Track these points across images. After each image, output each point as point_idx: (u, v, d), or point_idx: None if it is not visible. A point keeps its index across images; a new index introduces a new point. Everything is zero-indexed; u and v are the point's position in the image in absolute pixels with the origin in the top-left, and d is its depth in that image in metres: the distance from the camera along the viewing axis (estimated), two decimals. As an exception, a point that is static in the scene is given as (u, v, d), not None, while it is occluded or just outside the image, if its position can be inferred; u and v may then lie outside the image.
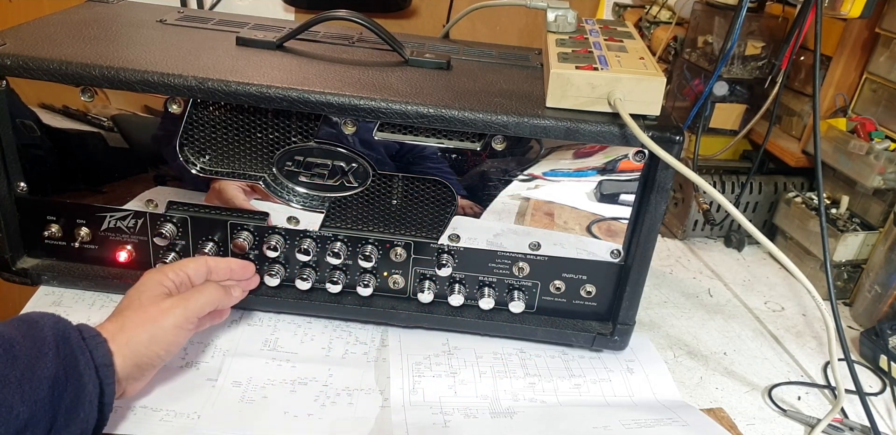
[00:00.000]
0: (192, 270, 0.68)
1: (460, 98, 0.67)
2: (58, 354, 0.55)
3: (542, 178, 0.69)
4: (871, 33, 0.90)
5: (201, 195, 0.72)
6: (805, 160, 0.98)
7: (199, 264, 0.69)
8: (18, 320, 0.57)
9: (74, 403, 0.54)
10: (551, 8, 0.78)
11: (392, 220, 0.73)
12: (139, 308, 0.62)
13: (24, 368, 0.53)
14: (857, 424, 0.70)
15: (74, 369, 0.55)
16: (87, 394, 0.55)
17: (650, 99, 0.65)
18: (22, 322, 0.57)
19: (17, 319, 0.58)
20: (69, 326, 0.58)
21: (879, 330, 0.80)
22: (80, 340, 0.57)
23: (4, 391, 0.52)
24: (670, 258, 1.01)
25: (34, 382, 0.53)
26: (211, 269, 0.70)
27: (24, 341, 0.54)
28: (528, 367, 0.73)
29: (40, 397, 0.53)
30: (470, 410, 0.66)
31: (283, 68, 0.70)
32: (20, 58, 0.65)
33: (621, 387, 0.72)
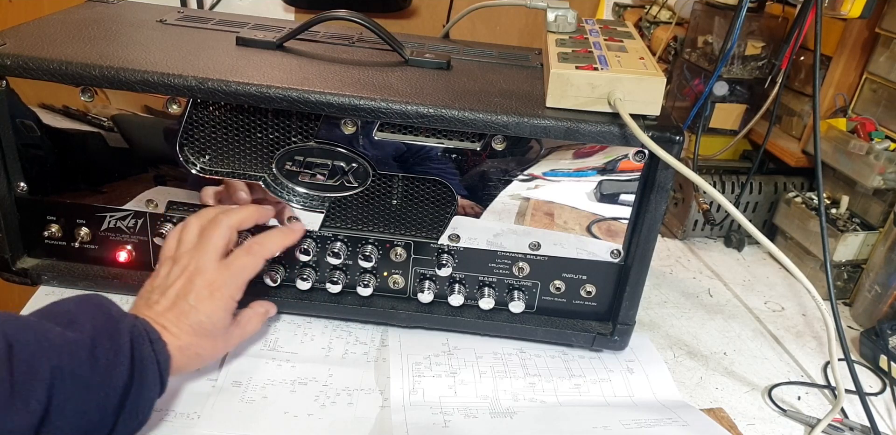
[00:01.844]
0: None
1: (460, 98, 0.67)
2: (132, 362, 0.56)
3: (542, 178, 0.69)
4: (871, 33, 0.90)
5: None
6: (805, 160, 0.98)
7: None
8: (97, 310, 0.58)
9: (136, 407, 0.56)
10: (551, 8, 0.78)
11: (392, 220, 0.73)
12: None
13: (103, 374, 0.54)
14: (857, 424, 0.70)
15: (142, 376, 0.56)
16: (148, 400, 0.57)
17: (650, 99, 0.65)
18: (101, 314, 0.57)
19: (96, 308, 0.58)
20: (141, 328, 0.58)
21: (879, 330, 0.80)
22: (150, 347, 0.57)
23: (86, 397, 0.53)
24: (670, 258, 1.01)
25: (108, 389, 0.54)
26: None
27: (105, 343, 0.55)
28: (528, 367, 0.73)
29: (111, 404, 0.54)
30: (470, 410, 0.66)
31: (283, 68, 0.70)
32: (20, 58, 0.65)
33: (621, 387, 0.72)
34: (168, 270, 0.65)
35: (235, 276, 0.65)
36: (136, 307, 0.63)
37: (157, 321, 0.60)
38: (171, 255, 0.66)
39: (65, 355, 0.53)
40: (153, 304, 0.62)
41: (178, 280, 0.63)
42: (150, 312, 0.61)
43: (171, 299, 0.62)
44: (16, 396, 0.50)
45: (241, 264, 0.66)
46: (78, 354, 0.53)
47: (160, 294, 0.63)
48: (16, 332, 0.53)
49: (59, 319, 0.56)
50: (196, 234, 0.66)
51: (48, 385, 0.51)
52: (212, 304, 0.63)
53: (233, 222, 0.66)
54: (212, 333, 0.64)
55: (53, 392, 0.52)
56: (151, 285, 0.64)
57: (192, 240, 0.66)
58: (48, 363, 0.52)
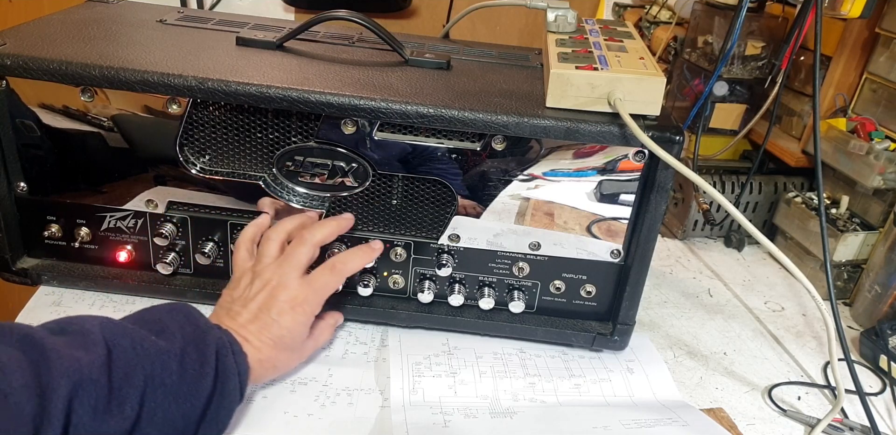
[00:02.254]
0: None
1: (460, 98, 0.67)
2: (216, 373, 0.57)
3: (542, 178, 0.69)
4: (871, 33, 0.90)
5: (201, 195, 0.72)
6: (805, 160, 0.98)
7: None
8: (186, 320, 0.59)
9: (217, 417, 0.57)
10: (551, 8, 0.78)
11: (392, 220, 0.73)
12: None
13: (190, 384, 0.56)
14: (857, 424, 0.70)
15: (224, 387, 0.57)
16: (228, 410, 0.58)
17: (650, 99, 0.65)
18: (190, 324, 0.59)
19: (185, 317, 0.60)
20: (225, 340, 0.59)
21: (879, 330, 0.80)
22: (233, 359, 0.59)
23: (174, 406, 0.54)
24: (670, 258, 1.01)
25: (194, 399, 0.56)
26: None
27: (193, 354, 0.56)
28: (528, 367, 0.73)
29: (195, 413, 0.56)
30: (470, 410, 0.66)
31: (283, 68, 0.70)
32: (20, 58, 0.65)
33: (621, 387, 0.72)
34: (249, 281, 0.66)
35: (317, 292, 0.67)
36: (218, 316, 0.64)
37: (239, 333, 0.62)
38: (249, 266, 0.68)
39: (157, 364, 0.54)
40: (235, 315, 0.64)
41: (259, 293, 0.65)
42: (233, 324, 0.63)
43: (253, 312, 0.64)
44: (113, 401, 0.51)
45: (324, 282, 0.67)
46: (169, 363, 0.55)
47: (242, 306, 0.64)
48: (114, 337, 0.54)
49: (151, 326, 0.58)
50: (276, 248, 0.68)
51: (141, 392, 0.53)
52: (293, 318, 0.65)
53: (317, 240, 0.68)
54: (290, 347, 0.66)
55: (145, 399, 0.53)
56: (231, 296, 0.66)
57: (273, 254, 0.67)
58: (142, 371, 0.53)
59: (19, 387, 0.47)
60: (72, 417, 0.49)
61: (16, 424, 0.46)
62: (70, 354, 0.51)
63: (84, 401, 0.50)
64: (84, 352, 0.52)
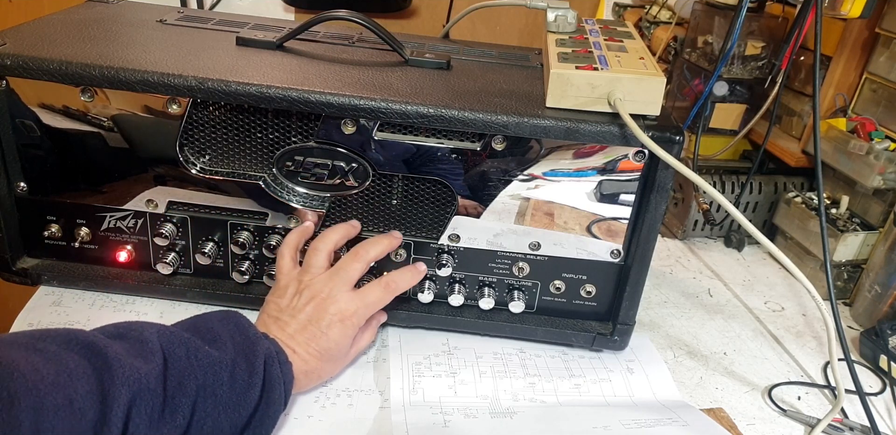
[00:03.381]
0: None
1: (460, 98, 0.67)
2: (264, 384, 0.58)
3: (542, 178, 0.69)
4: (871, 33, 0.90)
5: (201, 195, 0.72)
6: (805, 160, 0.98)
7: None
8: (237, 330, 0.61)
9: (261, 425, 0.58)
10: (551, 8, 0.78)
11: (392, 220, 0.73)
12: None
13: (239, 394, 0.57)
14: (857, 424, 0.70)
15: (269, 396, 0.59)
16: (273, 419, 0.59)
17: (650, 99, 0.65)
18: (241, 334, 0.60)
19: (236, 327, 0.61)
20: (273, 351, 0.61)
21: (879, 330, 0.80)
22: (279, 369, 0.60)
23: (223, 415, 0.56)
24: (670, 258, 1.01)
25: (241, 409, 0.57)
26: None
27: (243, 364, 0.58)
28: (527, 367, 0.73)
29: (241, 421, 0.57)
30: (470, 410, 0.66)
31: (283, 68, 0.70)
32: (20, 58, 0.65)
33: (621, 387, 0.72)
34: (296, 291, 0.67)
35: (368, 307, 0.68)
36: (266, 325, 0.65)
37: (287, 344, 0.63)
38: (295, 275, 0.68)
39: (209, 374, 0.56)
40: (284, 325, 0.65)
41: (308, 305, 0.65)
42: (282, 334, 0.64)
43: (302, 323, 0.65)
44: (167, 410, 0.53)
45: (376, 298, 0.68)
46: (220, 374, 0.56)
47: (290, 316, 0.65)
48: (171, 346, 0.56)
49: (204, 335, 0.59)
50: (325, 259, 0.68)
51: (193, 401, 0.54)
52: (341, 331, 0.66)
53: (371, 257, 0.69)
54: (335, 358, 0.67)
55: (196, 408, 0.54)
56: (279, 305, 0.67)
57: (322, 265, 0.68)
58: (195, 381, 0.55)
59: (84, 393, 0.49)
60: (129, 426, 0.51)
61: (78, 430, 0.48)
62: (131, 363, 0.52)
63: (142, 410, 0.51)
64: (143, 361, 0.53)
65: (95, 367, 0.51)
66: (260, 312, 0.68)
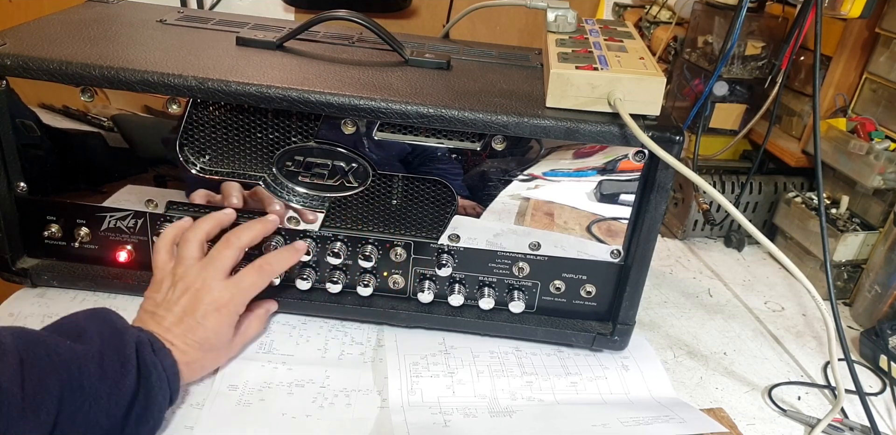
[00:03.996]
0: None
1: (460, 98, 0.67)
2: (138, 370, 0.57)
3: (542, 178, 0.69)
4: (871, 33, 0.90)
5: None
6: (805, 160, 0.98)
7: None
8: (104, 324, 0.60)
9: (145, 412, 0.58)
10: (551, 8, 0.78)
11: (392, 220, 0.73)
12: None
13: (111, 384, 0.56)
14: (857, 424, 0.70)
15: (147, 381, 0.58)
16: (157, 404, 0.58)
17: (650, 99, 0.65)
18: (108, 327, 0.60)
19: (103, 321, 0.60)
20: (145, 338, 0.60)
21: (879, 330, 0.80)
22: (153, 354, 0.59)
23: (95, 407, 0.55)
24: (670, 258, 1.01)
25: (118, 398, 0.56)
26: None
27: (112, 355, 0.57)
28: (524, 365, 0.73)
29: (120, 412, 0.56)
30: (469, 410, 0.66)
31: (283, 68, 0.70)
32: (20, 58, 0.65)
33: (617, 384, 0.72)
34: (170, 284, 0.66)
35: (243, 293, 0.67)
36: (143, 321, 0.65)
37: (164, 337, 0.62)
38: (170, 269, 0.67)
39: (74, 369, 0.55)
40: (160, 319, 0.64)
41: (183, 297, 0.65)
42: (158, 328, 0.63)
43: (177, 315, 0.64)
44: (27, 409, 0.52)
45: (250, 282, 0.68)
46: (86, 366, 0.55)
47: (166, 310, 0.64)
48: (27, 346, 0.55)
49: (69, 331, 0.59)
50: (197, 249, 0.67)
51: (58, 398, 0.53)
52: (218, 320, 0.65)
53: (244, 243, 0.68)
54: (216, 347, 0.66)
55: (63, 405, 0.54)
56: (155, 301, 0.66)
57: (194, 255, 0.67)
58: (57, 377, 0.54)
59: None
60: None
61: None
62: None
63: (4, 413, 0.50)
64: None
65: None
66: (139, 310, 0.67)
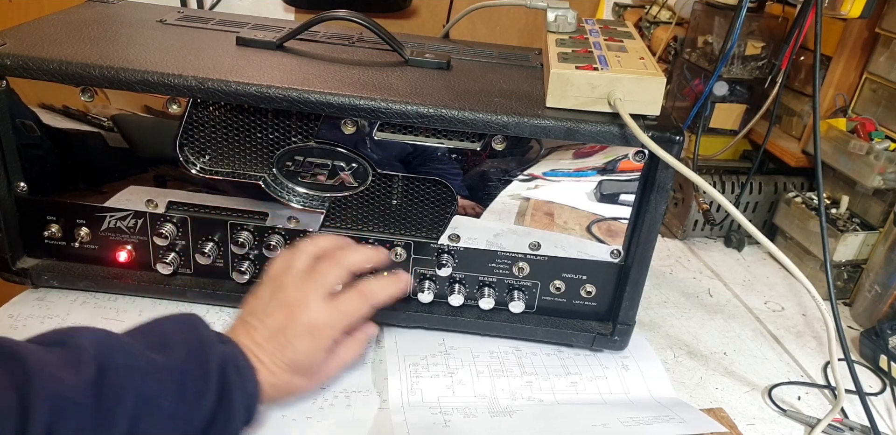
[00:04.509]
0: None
1: (460, 98, 0.67)
2: (219, 392, 0.54)
3: (542, 178, 0.69)
4: (871, 33, 0.90)
5: (201, 195, 0.72)
6: (805, 160, 0.98)
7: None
8: (191, 334, 0.56)
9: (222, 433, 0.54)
10: (551, 8, 0.78)
11: (392, 220, 0.73)
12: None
13: (191, 404, 0.53)
14: (857, 424, 0.70)
15: (228, 404, 0.54)
16: (233, 428, 0.55)
17: (650, 99, 0.65)
18: (195, 338, 0.56)
19: (190, 331, 0.57)
20: (230, 354, 0.56)
21: (879, 330, 0.80)
22: (237, 375, 0.56)
23: (169, 427, 0.51)
24: (670, 258, 1.01)
25: (195, 420, 0.53)
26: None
27: (195, 371, 0.54)
28: (524, 365, 0.73)
29: (195, 432, 0.53)
30: (469, 410, 0.66)
31: (283, 68, 0.70)
32: (20, 58, 0.65)
33: (617, 384, 0.72)
34: (271, 293, 0.63)
35: (342, 318, 0.63)
36: (235, 330, 0.61)
37: (254, 352, 0.59)
38: (277, 275, 0.64)
39: (153, 383, 0.52)
40: (252, 330, 0.61)
41: (279, 311, 0.61)
42: (249, 341, 0.60)
43: (270, 330, 0.60)
44: (100, 426, 0.49)
45: (352, 309, 0.63)
46: (164, 382, 0.52)
47: (259, 320, 0.61)
48: (109, 353, 0.51)
49: (153, 339, 0.55)
50: (306, 261, 0.64)
51: (131, 414, 0.50)
52: (311, 344, 0.61)
53: (350, 263, 0.65)
54: (306, 371, 0.62)
55: (137, 422, 0.50)
56: (252, 307, 0.63)
57: (301, 266, 0.64)
58: (134, 392, 0.51)
59: (5, 410, 0.45)
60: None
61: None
62: (53, 374, 0.48)
63: (66, 425, 0.47)
64: (73, 372, 0.49)
65: (16, 379, 0.47)
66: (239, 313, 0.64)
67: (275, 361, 0.59)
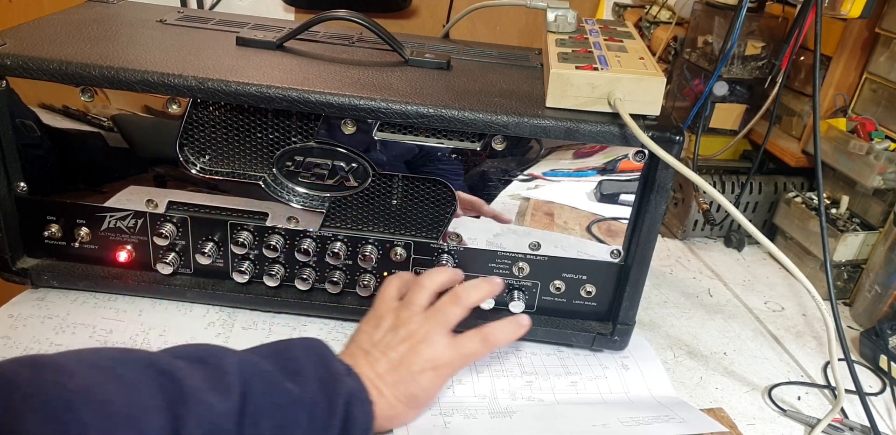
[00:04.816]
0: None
1: (460, 98, 0.67)
2: (342, 427, 0.55)
3: (542, 178, 0.69)
4: (871, 33, 0.90)
5: (201, 195, 0.72)
6: (805, 160, 0.98)
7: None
8: (319, 363, 0.57)
9: None
10: (551, 8, 0.78)
11: (392, 220, 0.73)
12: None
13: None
14: (857, 424, 0.70)
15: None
16: None
17: (650, 99, 0.65)
18: (324, 369, 0.57)
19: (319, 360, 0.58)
20: (355, 392, 0.57)
21: (879, 330, 0.80)
22: (360, 410, 0.56)
23: None
24: (670, 258, 1.01)
25: None
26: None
27: (322, 403, 0.54)
28: (524, 365, 0.73)
29: None
30: (469, 411, 0.66)
31: (283, 68, 0.70)
32: (20, 58, 0.65)
33: (617, 384, 0.72)
34: (391, 326, 0.64)
35: (462, 359, 0.64)
36: (355, 358, 0.62)
37: (374, 384, 0.60)
38: (394, 308, 0.65)
39: (288, 414, 0.52)
40: (374, 361, 0.61)
41: (402, 344, 0.62)
42: (370, 372, 0.60)
43: (392, 363, 0.61)
44: None
45: (472, 350, 0.64)
46: (298, 414, 0.53)
47: (381, 353, 0.62)
48: (251, 379, 0.52)
49: (285, 365, 0.56)
50: (428, 298, 0.66)
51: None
52: (432, 380, 0.62)
53: (472, 302, 0.66)
54: (420, 406, 0.64)
55: None
56: (372, 339, 0.63)
57: (423, 303, 0.65)
58: (271, 421, 0.51)
59: (158, 428, 0.46)
60: None
61: None
62: (207, 399, 0.49)
63: None
64: (220, 396, 0.50)
65: (169, 400, 0.48)
66: (350, 339, 0.65)
67: (395, 394, 0.60)
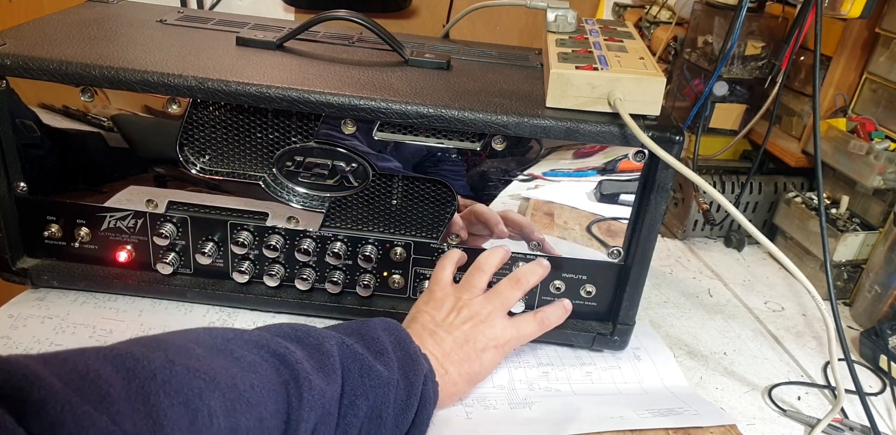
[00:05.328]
0: None
1: (460, 98, 0.67)
2: (419, 405, 0.57)
3: (542, 178, 0.69)
4: (871, 33, 0.90)
5: (201, 195, 0.72)
6: (805, 160, 0.98)
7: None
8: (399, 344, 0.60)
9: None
10: (551, 8, 0.78)
11: (392, 220, 0.73)
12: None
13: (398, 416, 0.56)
14: (857, 424, 0.70)
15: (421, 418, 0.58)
16: None
17: (650, 99, 0.65)
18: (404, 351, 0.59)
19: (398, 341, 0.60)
20: (429, 372, 0.60)
21: (879, 330, 0.80)
22: (432, 389, 0.59)
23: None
24: (670, 258, 1.01)
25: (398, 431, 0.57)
26: None
27: (403, 384, 0.57)
28: (539, 356, 0.75)
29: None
30: (489, 402, 0.67)
31: (283, 68, 0.70)
32: (20, 58, 0.65)
33: (631, 374, 0.73)
34: (453, 307, 0.67)
35: (519, 339, 0.69)
36: (421, 338, 0.64)
37: (441, 362, 0.63)
38: (453, 291, 0.68)
39: (379, 395, 0.55)
40: (440, 341, 0.64)
41: (465, 324, 0.65)
42: (438, 351, 0.63)
43: (458, 341, 0.64)
44: (339, 433, 0.52)
45: (529, 331, 0.69)
46: (387, 394, 0.55)
47: (447, 332, 0.65)
48: (348, 362, 0.55)
49: (371, 345, 0.58)
50: (487, 281, 0.69)
51: (361, 424, 0.53)
52: (493, 357, 0.66)
53: (531, 285, 0.70)
54: (477, 382, 0.67)
55: (362, 431, 0.54)
56: (435, 320, 0.66)
57: (482, 286, 0.69)
58: (366, 402, 0.54)
59: (273, 412, 0.48)
60: None
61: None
62: (317, 383, 0.51)
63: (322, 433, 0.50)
64: (325, 379, 0.52)
65: (283, 382, 0.49)
66: (410, 320, 0.67)
67: (459, 371, 0.63)
